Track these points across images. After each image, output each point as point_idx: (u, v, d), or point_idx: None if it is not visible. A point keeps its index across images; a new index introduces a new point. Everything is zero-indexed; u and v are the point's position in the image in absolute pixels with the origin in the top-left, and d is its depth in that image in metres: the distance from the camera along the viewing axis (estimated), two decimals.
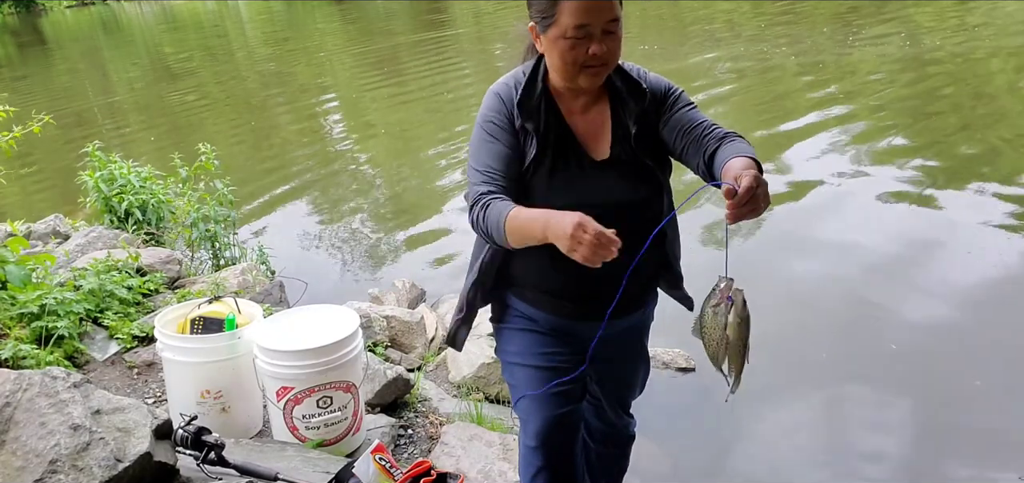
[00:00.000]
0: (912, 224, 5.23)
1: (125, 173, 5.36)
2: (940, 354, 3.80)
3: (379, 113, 10.99)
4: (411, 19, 21.27)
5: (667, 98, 1.88)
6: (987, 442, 3.22)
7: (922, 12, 12.56)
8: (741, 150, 1.70)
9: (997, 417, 3.34)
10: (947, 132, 7.06)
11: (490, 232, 1.74)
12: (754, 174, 1.54)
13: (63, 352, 3.32)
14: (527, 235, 1.69)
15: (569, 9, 1.70)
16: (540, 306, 1.96)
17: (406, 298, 4.62)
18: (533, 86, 1.83)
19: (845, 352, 3.91)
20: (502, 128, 1.82)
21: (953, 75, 8.82)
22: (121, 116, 12.68)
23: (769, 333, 4.10)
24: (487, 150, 1.82)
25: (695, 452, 3.34)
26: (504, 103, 1.84)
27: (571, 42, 1.72)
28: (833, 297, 4.41)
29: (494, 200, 1.75)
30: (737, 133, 1.79)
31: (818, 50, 10.74)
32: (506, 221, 1.70)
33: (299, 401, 2.67)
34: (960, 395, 3.49)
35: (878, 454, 3.22)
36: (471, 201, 1.79)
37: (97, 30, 31.19)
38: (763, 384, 3.71)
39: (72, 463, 1.98)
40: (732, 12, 15.16)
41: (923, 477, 3.10)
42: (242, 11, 31.90)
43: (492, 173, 1.79)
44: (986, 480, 3.04)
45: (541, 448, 2.04)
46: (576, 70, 1.76)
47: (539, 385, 1.98)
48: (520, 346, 2.01)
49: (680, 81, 1.94)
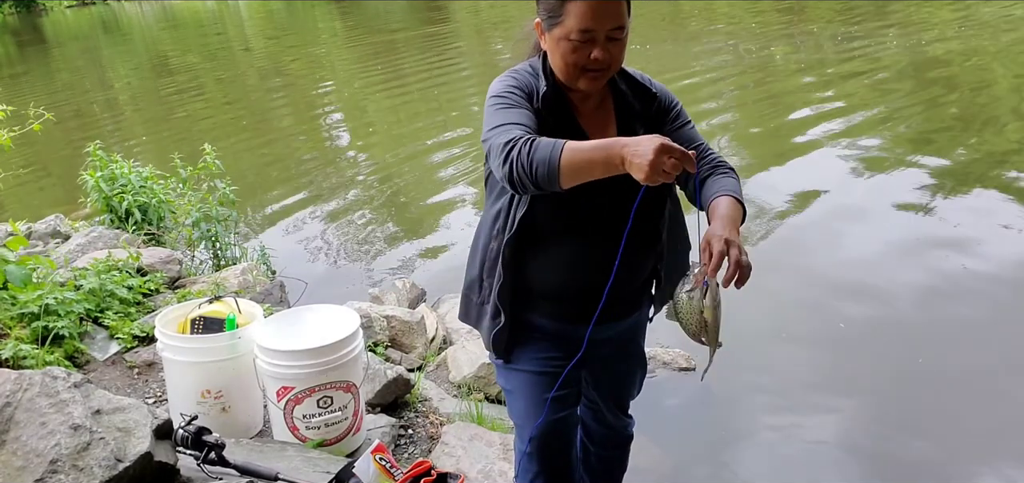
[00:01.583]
0: (917, 225, 5.22)
1: (126, 173, 5.36)
2: (950, 359, 3.80)
3: (379, 112, 10.99)
4: (411, 18, 21.27)
5: (671, 110, 1.89)
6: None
7: (922, 12, 12.56)
8: (725, 188, 1.74)
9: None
10: (947, 132, 7.06)
11: (536, 165, 1.56)
12: (722, 243, 1.59)
13: (63, 352, 3.32)
14: (589, 162, 1.54)
15: (575, 12, 1.69)
16: (544, 311, 1.95)
17: (406, 298, 4.62)
18: (548, 81, 1.81)
19: (846, 352, 3.91)
20: (521, 97, 1.76)
21: (953, 75, 8.82)
22: (121, 116, 12.69)
23: (770, 333, 4.13)
24: (510, 112, 1.71)
25: (695, 452, 3.34)
26: (522, 84, 1.79)
27: (574, 45, 1.71)
28: (834, 297, 4.41)
29: (541, 139, 1.59)
30: (726, 165, 1.84)
31: (818, 49, 10.75)
32: (563, 150, 1.55)
33: (299, 401, 2.67)
34: (986, 403, 3.47)
35: (881, 455, 3.22)
36: (505, 142, 1.62)
37: (97, 30, 31.18)
38: (764, 384, 3.72)
39: (72, 463, 1.98)
40: (732, 11, 15.15)
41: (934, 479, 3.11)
42: (242, 11, 31.90)
43: (517, 126, 1.67)
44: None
45: (537, 454, 2.04)
46: (577, 72, 1.75)
47: (535, 390, 1.98)
48: (520, 351, 2.00)
49: (679, 82, 1.95)
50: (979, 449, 3.19)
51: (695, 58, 11.12)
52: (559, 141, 1.57)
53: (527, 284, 1.92)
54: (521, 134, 1.62)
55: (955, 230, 5.04)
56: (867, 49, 10.38)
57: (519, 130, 1.65)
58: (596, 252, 1.83)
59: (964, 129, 7.12)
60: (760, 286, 4.81)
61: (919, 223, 5.24)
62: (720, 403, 3.61)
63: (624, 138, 1.54)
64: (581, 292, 1.87)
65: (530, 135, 1.62)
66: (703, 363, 1.94)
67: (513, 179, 1.61)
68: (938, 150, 6.58)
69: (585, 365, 2.07)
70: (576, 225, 1.83)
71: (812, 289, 4.53)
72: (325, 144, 9.46)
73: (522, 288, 1.92)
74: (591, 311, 1.82)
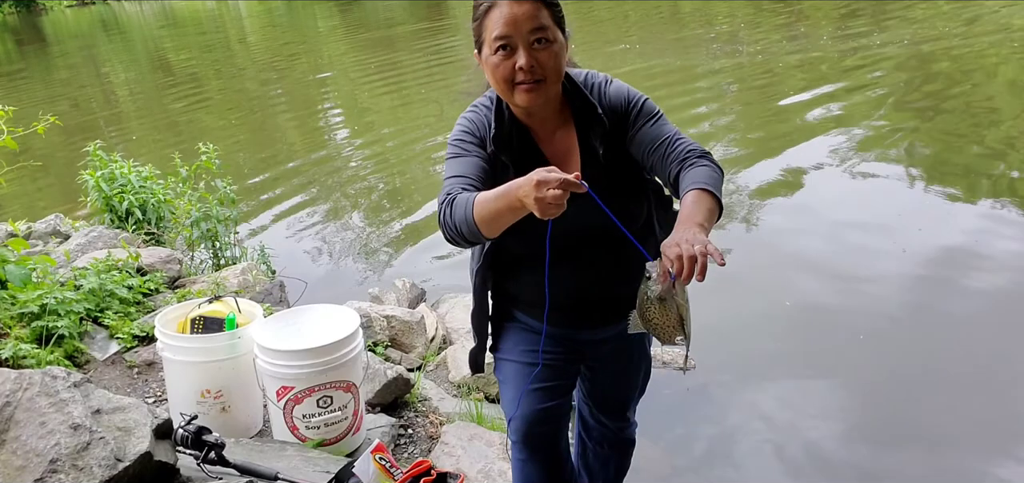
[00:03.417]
0: (921, 226, 5.22)
1: (125, 172, 5.36)
2: (951, 359, 3.80)
3: (379, 112, 10.99)
4: (411, 18, 21.26)
5: (629, 113, 1.78)
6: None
7: (923, 11, 12.56)
8: (694, 180, 1.62)
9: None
10: (946, 130, 7.06)
11: (458, 225, 1.61)
12: (676, 255, 1.45)
13: (63, 351, 3.32)
14: (495, 212, 1.56)
15: (489, 23, 1.66)
16: (536, 317, 1.97)
17: (406, 298, 4.62)
18: (501, 115, 1.78)
19: (847, 353, 3.91)
20: (472, 144, 1.77)
21: (952, 74, 8.83)
22: (121, 116, 12.68)
23: (771, 334, 4.13)
24: (457, 164, 1.75)
25: (695, 452, 3.34)
26: (475, 126, 1.79)
27: (498, 59, 1.66)
28: (836, 299, 4.41)
29: (458, 194, 1.64)
30: (699, 151, 1.71)
31: (818, 48, 10.75)
32: (474, 206, 1.58)
33: (299, 401, 2.67)
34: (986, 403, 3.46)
35: (881, 454, 3.22)
36: (439, 203, 1.69)
37: (97, 29, 31.19)
38: (765, 383, 3.72)
39: (72, 462, 1.98)
40: (732, 11, 15.16)
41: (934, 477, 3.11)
42: (242, 10, 31.89)
43: (461, 179, 1.71)
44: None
45: (524, 441, 2.07)
46: (509, 88, 1.69)
47: (524, 379, 2.00)
48: (511, 342, 2.04)
49: (680, 80, 1.93)
50: (979, 449, 3.19)
51: (695, 57, 11.13)
52: (471, 196, 1.59)
53: (511, 294, 1.97)
54: (452, 193, 1.65)
55: (965, 233, 5.02)
56: (867, 49, 10.39)
57: (455, 185, 1.68)
58: (570, 272, 1.84)
59: (969, 127, 7.12)
60: (761, 286, 4.81)
61: (923, 223, 5.23)
62: (720, 403, 3.61)
63: (519, 180, 1.48)
64: (563, 307, 1.89)
65: (455, 194, 1.64)
66: (703, 363, 1.94)
67: (449, 240, 1.66)
68: (940, 151, 6.58)
69: (584, 362, 2.08)
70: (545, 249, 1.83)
71: (813, 289, 4.53)
72: (325, 143, 9.47)
73: (512, 298, 1.97)
74: (579, 319, 1.83)
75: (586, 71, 1.86)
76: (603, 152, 1.78)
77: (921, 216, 5.32)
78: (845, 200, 5.74)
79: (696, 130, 7.39)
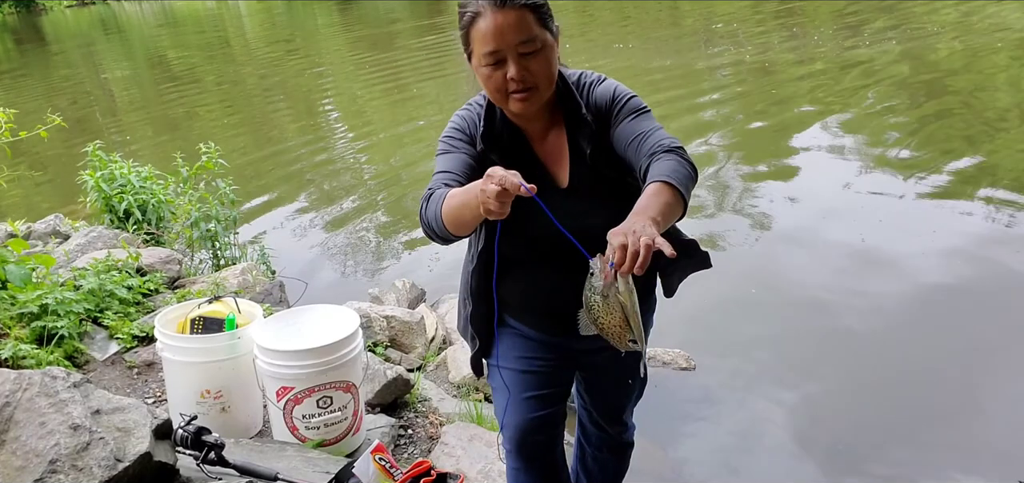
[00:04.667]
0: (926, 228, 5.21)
1: (125, 173, 5.35)
2: (950, 360, 3.79)
3: (379, 112, 10.99)
4: (411, 18, 21.25)
5: (611, 111, 1.76)
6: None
7: (923, 10, 12.57)
8: (655, 174, 1.57)
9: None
10: (945, 130, 7.06)
11: (430, 221, 1.63)
12: (619, 244, 1.40)
13: (63, 352, 3.32)
14: (458, 208, 1.56)
15: (477, 37, 1.65)
16: (527, 324, 1.97)
17: (406, 298, 4.62)
18: (492, 115, 1.78)
19: (849, 354, 3.91)
20: (461, 141, 1.77)
21: (952, 74, 8.83)
22: (120, 116, 12.68)
23: (771, 335, 4.13)
24: (444, 161, 1.75)
25: (695, 452, 3.34)
26: (466, 124, 1.80)
27: (488, 70, 1.65)
28: (838, 299, 4.41)
29: (438, 190, 1.64)
30: (670, 144, 1.65)
31: (817, 47, 10.75)
32: (442, 206, 1.59)
33: (299, 401, 2.67)
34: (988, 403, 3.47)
35: (882, 454, 3.22)
36: (421, 200, 1.69)
37: (96, 29, 31.18)
38: (765, 384, 3.72)
39: (72, 463, 1.98)
40: (732, 11, 15.16)
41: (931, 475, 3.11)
42: (242, 10, 31.89)
43: (445, 175, 1.71)
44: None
45: (518, 451, 2.05)
46: (503, 97, 1.68)
47: (518, 388, 1.99)
48: (504, 348, 2.02)
49: (679, 80, 1.92)
50: (979, 449, 3.19)
51: (694, 57, 11.13)
52: (444, 193, 1.60)
53: (505, 300, 1.95)
54: (433, 189, 1.66)
55: (965, 234, 5.01)
56: (866, 48, 10.39)
57: (438, 181, 1.69)
58: (560, 277, 1.80)
59: (968, 126, 7.12)
60: (761, 286, 4.80)
61: (923, 224, 5.23)
62: (720, 403, 3.61)
63: (479, 180, 1.48)
64: (555, 313, 1.89)
65: (435, 190, 1.65)
66: (703, 363, 1.93)
67: (427, 236, 1.68)
68: (940, 151, 6.58)
69: (578, 369, 2.08)
70: (535, 253, 1.83)
71: (813, 289, 4.53)
72: (325, 144, 9.45)
73: (502, 302, 1.95)
74: (570, 326, 1.82)
75: (581, 71, 1.85)
76: (590, 153, 1.76)
77: (921, 216, 5.32)
78: (845, 200, 5.73)
79: (696, 131, 7.42)
